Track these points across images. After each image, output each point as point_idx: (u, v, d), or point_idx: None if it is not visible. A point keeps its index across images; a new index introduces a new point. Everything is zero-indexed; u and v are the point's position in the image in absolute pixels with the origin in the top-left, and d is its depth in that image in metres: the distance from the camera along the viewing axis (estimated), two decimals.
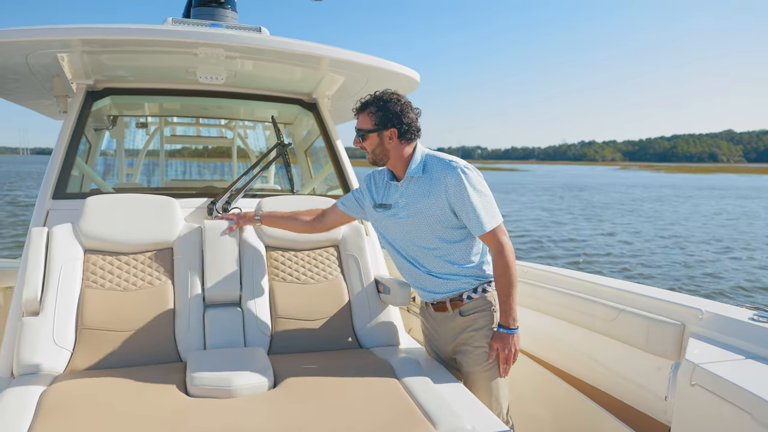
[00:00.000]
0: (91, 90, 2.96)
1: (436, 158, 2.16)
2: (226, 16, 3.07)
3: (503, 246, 2.09)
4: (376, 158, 2.19)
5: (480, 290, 2.18)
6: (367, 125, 2.16)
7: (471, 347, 2.17)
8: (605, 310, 2.31)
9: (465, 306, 2.18)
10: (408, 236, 2.19)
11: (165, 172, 5.27)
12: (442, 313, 2.24)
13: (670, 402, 1.95)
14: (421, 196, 2.13)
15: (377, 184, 2.32)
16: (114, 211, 2.48)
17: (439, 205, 2.10)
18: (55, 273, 2.25)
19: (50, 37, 2.32)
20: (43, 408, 1.71)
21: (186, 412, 1.73)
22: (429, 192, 2.11)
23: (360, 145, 2.21)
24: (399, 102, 2.14)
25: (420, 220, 2.13)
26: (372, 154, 2.18)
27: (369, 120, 2.15)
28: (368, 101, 2.17)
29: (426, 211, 2.12)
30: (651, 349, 2.11)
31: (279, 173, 4.30)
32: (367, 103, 2.17)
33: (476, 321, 2.17)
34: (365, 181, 2.37)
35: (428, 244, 2.15)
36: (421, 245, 2.17)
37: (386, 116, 2.11)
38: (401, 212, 2.18)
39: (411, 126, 2.14)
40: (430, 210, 2.11)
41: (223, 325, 2.35)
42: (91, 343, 2.16)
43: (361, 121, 2.18)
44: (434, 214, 2.11)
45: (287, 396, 1.85)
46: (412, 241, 2.19)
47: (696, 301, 2.14)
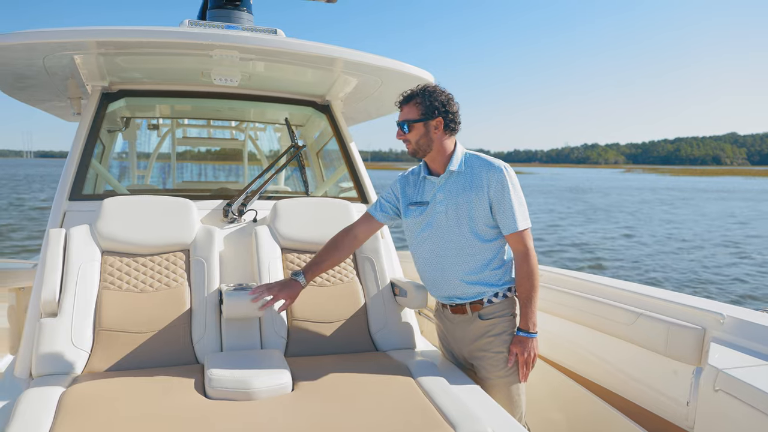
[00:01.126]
0: (106, 92, 2.97)
1: (477, 157, 2.20)
2: (242, 18, 3.08)
3: (528, 249, 2.12)
4: (419, 149, 2.18)
5: (501, 295, 2.17)
6: (414, 115, 2.15)
7: (491, 353, 2.16)
8: (623, 313, 2.29)
9: (485, 310, 2.17)
10: (442, 232, 2.17)
11: (175, 175, 5.28)
12: (460, 316, 2.22)
13: (692, 407, 1.93)
14: (461, 190, 2.14)
15: (410, 183, 2.32)
16: (131, 212, 2.49)
17: (478, 200, 2.11)
18: (73, 274, 2.26)
19: (68, 39, 2.33)
20: (63, 409, 1.71)
21: (205, 413, 1.73)
22: (470, 187, 2.13)
23: (404, 137, 2.19)
24: (444, 93, 2.16)
25: (457, 213, 2.14)
26: (416, 144, 2.17)
27: (415, 110, 2.15)
28: (414, 92, 2.17)
29: (465, 205, 2.13)
30: (671, 353, 2.09)
31: (292, 175, 4.30)
32: (412, 94, 2.17)
33: (496, 326, 2.16)
34: (399, 182, 2.35)
35: (463, 240, 2.14)
36: (455, 242, 2.15)
37: (432, 105, 2.12)
38: (438, 206, 2.17)
39: (456, 116, 2.17)
40: (469, 204, 2.12)
41: (240, 327, 2.35)
42: (109, 344, 2.16)
43: (406, 112, 2.17)
44: (473, 209, 2.12)
45: (306, 398, 1.85)
46: (446, 238, 2.17)
47: (716, 305, 2.12)
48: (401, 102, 2.20)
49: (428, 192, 2.23)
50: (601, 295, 2.47)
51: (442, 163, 2.19)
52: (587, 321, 2.49)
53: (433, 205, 2.19)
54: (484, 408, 1.88)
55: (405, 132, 2.18)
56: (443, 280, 2.20)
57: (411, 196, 2.29)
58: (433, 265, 2.22)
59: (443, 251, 2.18)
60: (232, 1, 3.06)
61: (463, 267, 2.15)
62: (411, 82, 3.00)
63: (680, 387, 2.04)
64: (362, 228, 2.38)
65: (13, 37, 2.29)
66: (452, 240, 2.16)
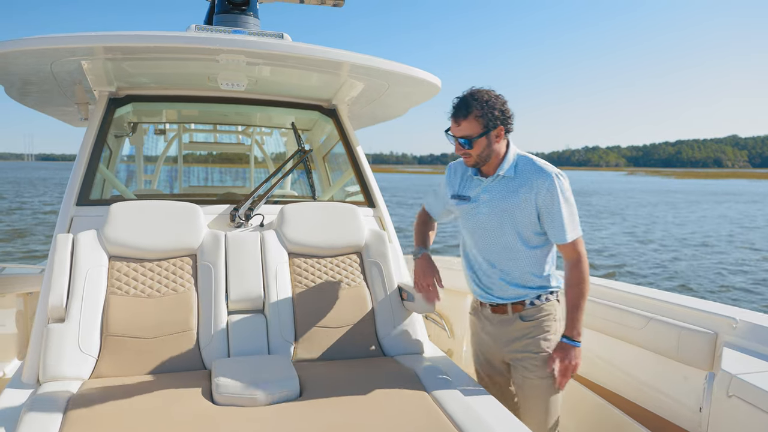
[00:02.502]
0: (114, 97, 2.97)
1: (529, 160, 2.11)
2: (249, 23, 3.07)
3: (581, 257, 2.06)
4: (480, 161, 2.09)
5: (544, 298, 2.14)
6: (476, 130, 2.02)
7: (530, 354, 2.11)
8: (634, 318, 2.29)
9: (527, 311, 2.13)
10: (489, 233, 2.12)
11: (181, 179, 5.28)
12: (500, 316, 2.17)
13: (705, 413, 1.92)
14: (508, 195, 2.08)
15: (457, 175, 2.26)
16: (138, 217, 2.48)
17: (525, 207, 2.06)
18: (80, 279, 2.25)
19: (76, 45, 2.33)
20: (71, 415, 1.70)
21: (213, 419, 1.72)
22: (517, 192, 2.07)
23: (464, 151, 2.07)
24: (498, 98, 2.05)
25: (502, 219, 2.09)
26: (477, 157, 2.07)
27: (476, 124, 2.02)
28: (469, 103, 2.02)
29: (510, 210, 2.07)
30: (682, 358, 2.08)
31: (299, 180, 4.30)
32: (469, 106, 2.01)
33: (537, 328, 2.12)
34: (447, 171, 2.33)
35: (507, 243, 2.10)
36: (499, 244, 2.11)
37: (493, 116, 2.01)
38: (482, 207, 2.13)
39: (512, 119, 2.07)
40: (514, 210, 2.07)
41: (247, 332, 2.34)
42: (116, 349, 2.16)
43: (466, 127, 2.03)
44: (517, 215, 2.07)
45: (314, 404, 1.84)
46: (490, 239, 2.12)
47: (728, 310, 2.12)
48: (457, 115, 2.04)
49: (473, 189, 2.17)
50: (612, 300, 2.46)
51: (493, 165, 2.12)
52: (597, 325, 2.49)
53: (476, 204, 2.15)
54: (495, 416, 1.86)
55: (468, 148, 2.05)
56: (488, 276, 2.16)
57: (455, 188, 2.25)
58: (479, 261, 2.18)
59: (486, 250, 2.14)
60: (239, 5, 3.06)
61: (507, 269, 2.12)
62: (418, 86, 2.99)
63: (692, 392, 2.03)
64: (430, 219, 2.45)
65: (21, 42, 2.29)
66: (496, 242, 2.11)
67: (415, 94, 3.23)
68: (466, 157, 2.09)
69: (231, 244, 2.55)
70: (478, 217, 2.13)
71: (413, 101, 3.40)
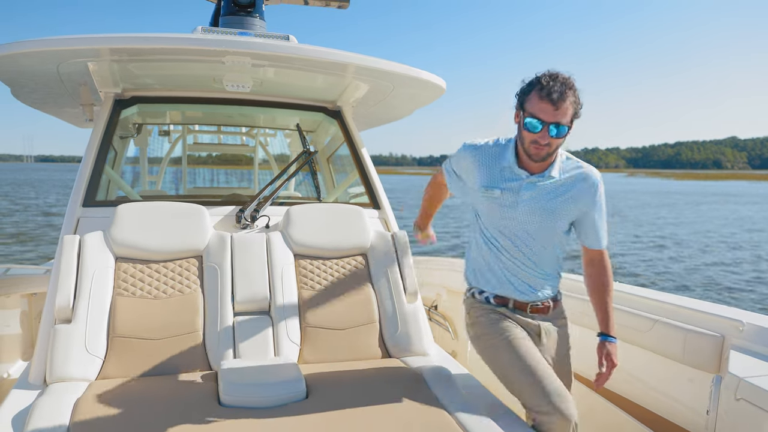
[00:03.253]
0: (119, 99, 2.98)
1: (572, 160, 2.00)
2: (255, 25, 3.08)
3: (608, 261, 2.06)
4: (548, 155, 1.89)
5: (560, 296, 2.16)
6: (570, 118, 1.81)
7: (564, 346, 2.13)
8: (639, 320, 2.28)
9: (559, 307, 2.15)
10: (526, 232, 1.99)
11: (186, 180, 5.28)
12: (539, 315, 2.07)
13: (712, 416, 1.92)
14: (553, 197, 1.96)
15: (490, 163, 2.01)
16: (145, 218, 2.49)
17: (569, 211, 1.97)
18: (87, 280, 2.26)
19: (83, 46, 2.33)
20: (78, 416, 1.71)
21: (220, 421, 1.73)
22: (563, 195, 1.96)
23: (552, 140, 1.82)
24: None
25: (543, 219, 1.96)
26: (556, 149, 1.89)
27: (571, 110, 1.81)
28: (567, 87, 1.80)
29: (555, 212, 1.96)
30: (689, 361, 2.08)
31: (304, 181, 4.30)
32: (566, 89, 1.79)
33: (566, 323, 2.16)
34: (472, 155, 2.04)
35: (547, 243, 2.01)
36: (541, 244, 2.01)
37: (580, 106, 1.84)
38: (522, 206, 1.96)
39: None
40: (559, 212, 1.96)
41: (253, 334, 2.34)
42: (123, 350, 2.16)
43: (564, 112, 1.79)
44: (561, 217, 1.97)
45: (321, 406, 1.84)
46: (530, 238, 1.99)
47: (735, 312, 2.11)
48: (558, 98, 1.77)
49: (512, 183, 1.97)
50: (617, 302, 2.45)
51: (547, 162, 1.94)
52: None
53: (515, 201, 1.96)
54: (501, 417, 1.87)
55: (558, 137, 1.82)
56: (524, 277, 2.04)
57: (489, 178, 1.99)
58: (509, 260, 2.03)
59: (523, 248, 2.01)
60: (245, 7, 3.06)
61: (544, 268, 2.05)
62: (423, 87, 3.00)
63: (699, 395, 2.02)
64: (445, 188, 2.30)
65: (28, 44, 2.29)
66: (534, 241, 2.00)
67: (420, 96, 3.23)
68: (544, 148, 1.85)
69: (237, 245, 2.55)
70: (515, 215, 1.97)
71: (418, 103, 3.41)
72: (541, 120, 1.79)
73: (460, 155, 2.08)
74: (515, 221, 1.98)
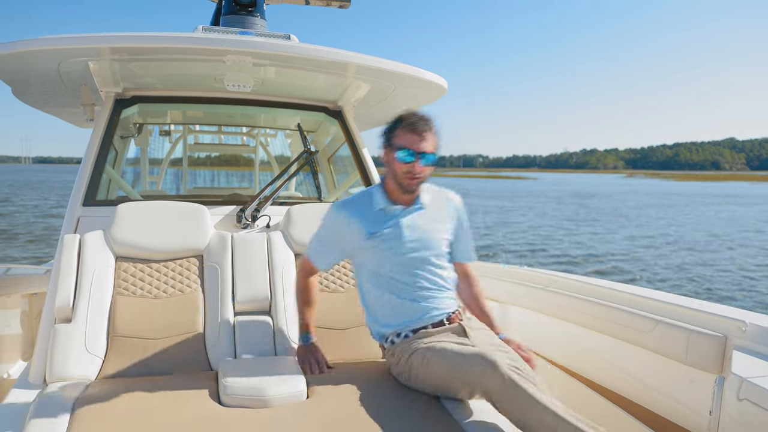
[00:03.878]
0: (120, 98, 2.97)
1: (435, 188, 2.20)
2: (256, 24, 3.08)
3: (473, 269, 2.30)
4: (419, 185, 2.05)
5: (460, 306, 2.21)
6: (434, 148, 1.99)
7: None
8: (642, 321, 2.27)
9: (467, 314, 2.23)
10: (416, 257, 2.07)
11: (186, 180, 5.27)
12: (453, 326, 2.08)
13: (715, 417, 1.91)
14: (429, 222, 2.11)
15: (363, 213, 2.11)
16: (145, 218, 2.49)
17: (444, 230, 2.15)
18: (87, 280, 2.26)
19: (84, 45, 2.33)
20: (78, 416, 1.70)
21: (221, 421, 1.72)
22: (436, 218, 2.13)
23: (422, 169, 1.99)
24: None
25: (427, 243, 2.08)
26: (423, 179, 2.03)
27: (435, 141, 1.99)
28: (428, 119, 1.99)
29: (434, 234, 2.11)
30: (691, 361, 2.06)
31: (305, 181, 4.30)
32: (429, 121, 1.99)
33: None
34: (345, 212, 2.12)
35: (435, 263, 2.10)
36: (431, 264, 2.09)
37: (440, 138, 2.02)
38: (406, 237, 2.06)
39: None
40: (437, 234, 2.12)
41: (254, 334, 2.34)
42: (123, 350, 2.16)
43: (432, 142, 1.99)
44: (440, 239, 2.12)
45: (321, 405, 1.84)
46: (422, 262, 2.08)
47: (738, 312, 2.09)
48: (424, 128, 1.97)
49: (392, 221, 2.08)
50: (619, 302, 2.45)
51: (414, 195, 2.10)
52: (604, 328, 2.47)
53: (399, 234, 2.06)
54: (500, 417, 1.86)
55: (430, 165, 1.99)
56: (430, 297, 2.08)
57: (371, 225, 2.09)
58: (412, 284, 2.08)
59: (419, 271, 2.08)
60: (246, 7, 3.06)
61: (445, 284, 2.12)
62: (425, 87, 3.00)
63: (702, 396, 2.01)
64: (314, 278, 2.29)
65: (29, 43, 2.29)
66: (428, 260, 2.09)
67: (421, 96, 3.23)
68: (416, 178, 2.00)
69: (237, 245, 2.55)
70: (404, 248, 2.06)
71: (419, 103, 3.40)
72: (412, 150, 1.96)
73: (332, 219, 2.14)
74: (405, 254, 2.06)
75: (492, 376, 1.67)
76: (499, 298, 3.20)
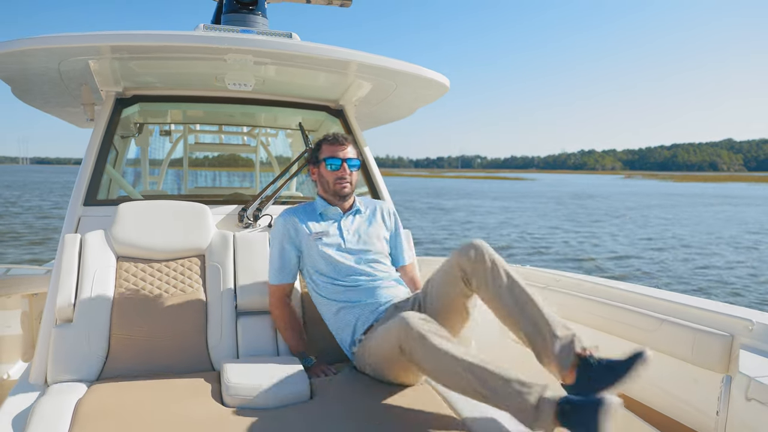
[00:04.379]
0: (120, 97, 2.96)
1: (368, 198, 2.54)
2: (257, 22, 3.06)
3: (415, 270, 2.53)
4: (351, 191, 2.35)
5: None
6: (356, 155, 2.34)
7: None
8: (646, 320, 2.26)
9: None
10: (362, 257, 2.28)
11: (187, 180, 5.25)
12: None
13: (722, 417, 1.90)
14: (368, 224, 2.38)
15: (303, 219, 2.34)
16: (146, 217, 2.47)
17: (382, 232, 2.40)
18: (89, 280, 2.24)
19: (85, 44, 2.31)
20: (79, 416, 1.69)
21: (223, 421, 1.71)
22: (373, 221, 2.40)
23: (349, 174, 2.31)
24: None
25: (370, 243, 2.33)
26: (353, 184, 2.34)
27: (355, 151, 2.35)
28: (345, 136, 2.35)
29: (373, 234, 2.35)
30: (697, 361, 2.05)
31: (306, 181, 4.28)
32: (345, 137, 2.35)
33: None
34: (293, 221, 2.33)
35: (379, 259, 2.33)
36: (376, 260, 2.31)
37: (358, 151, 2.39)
38: (350, 237, 2.32)
39: None
40: (377, 235, 2.37)
41: (256, 334, 2.33)
42: (124, 350, 2.14)
43: (351, 150, 2.33)
44: (379, 238, 2.37)
45: (325, 406, 1.83)
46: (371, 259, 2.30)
47: (744, 311, 2.08)
48: (343, 140, 2.31)
49: (334, 223, 2.35)
50: (623, 301, 2.44)
51: (350, 202, 2.40)
52: (609, 328, 2.46)
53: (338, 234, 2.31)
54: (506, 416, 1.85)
55: (356, 170, 2.34)
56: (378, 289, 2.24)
57: (315, 228, 2.32)
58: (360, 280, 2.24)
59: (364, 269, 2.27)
60: (247, 5, 3.04)
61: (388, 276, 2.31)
62: (427, 85, 2.98)
63: (708, 396, 2.00)
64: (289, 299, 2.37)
65: (29, 42, 2.27)
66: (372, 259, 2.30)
67: (423, 95, 3.22)
68: (346, 181, 2.30)
69: (239, 244, 2.54)
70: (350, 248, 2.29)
71: (421, 102, 3.40)
72: (338, 157, 2.29)
73: (282, 225, 2.34)
74: (352, 253, 2.28)
75: (405, 333, 1.75)
76: None
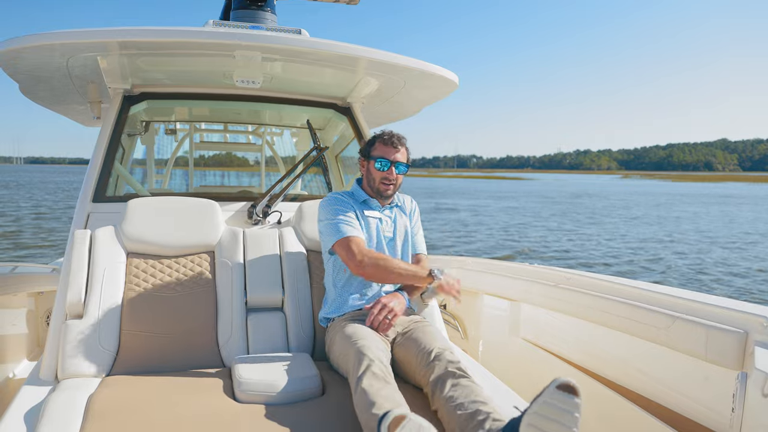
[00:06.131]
0: (128, 95, 2.95)
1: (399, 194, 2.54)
2: (266, 19, 3.05)
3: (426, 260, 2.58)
4: (393, 192, 2.40)
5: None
6: (406, 159, 2.38)
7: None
8: (658, 317, 2.24)
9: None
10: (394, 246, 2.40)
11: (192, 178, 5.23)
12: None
13: (738, 414, 1.90)
14: (399, 218, 2.46)
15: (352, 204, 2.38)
16: (156, 214, 2.46)
17: (408, 225, 2.49)
18: (99, 276, 2.23)
19: (93, 40, 2.30)
20: (91, 412, 1.68)
21: (236, 417, 1.71)
22: (408, 215, 2.51)
23: (395, 177, 2.34)
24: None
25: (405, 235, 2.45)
26: (397, 187, 2.39)
27: (407, 154, 2.38)
28: (401, 137, 2.37)
29: (403, 228, 2.45)
30: (711, 358, 2.03)
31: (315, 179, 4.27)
32: (401, 139, 2.37)
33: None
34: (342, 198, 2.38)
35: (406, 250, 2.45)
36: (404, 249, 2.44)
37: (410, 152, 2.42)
38: (387, 228, 2.41)
39: None
40: (404, 226, 2.46)
41: (266, 330, 2.32)
42: (135, 346, 2.14)
43: (404, 154, 2.37)
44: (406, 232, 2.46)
45: (337, 403, 1.82)
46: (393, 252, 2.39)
47: (758, 308, 2.07)
48: (397, 143, 2.33)
49: (375, 212, 2.41)
50: (635, 299, 2.43)
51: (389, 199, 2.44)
52: (620, 325, 2.45)
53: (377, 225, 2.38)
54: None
55: (402, 173, 2.37)
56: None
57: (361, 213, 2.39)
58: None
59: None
60: (256, 1, 3.03)
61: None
62: (435, 82, 2.97)
63: (723, 393, 1.99)
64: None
65: (38, 38, 2.26)
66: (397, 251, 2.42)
67: (431, 92, 3.21)
68: (392, 185, 2.35)
69: (249, 241, 2.53)
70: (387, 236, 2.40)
71: (429, 99, 3.39)
72: (388, 159, 2.31)
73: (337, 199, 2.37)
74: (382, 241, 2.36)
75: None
76: (513, 296, 3.18)
